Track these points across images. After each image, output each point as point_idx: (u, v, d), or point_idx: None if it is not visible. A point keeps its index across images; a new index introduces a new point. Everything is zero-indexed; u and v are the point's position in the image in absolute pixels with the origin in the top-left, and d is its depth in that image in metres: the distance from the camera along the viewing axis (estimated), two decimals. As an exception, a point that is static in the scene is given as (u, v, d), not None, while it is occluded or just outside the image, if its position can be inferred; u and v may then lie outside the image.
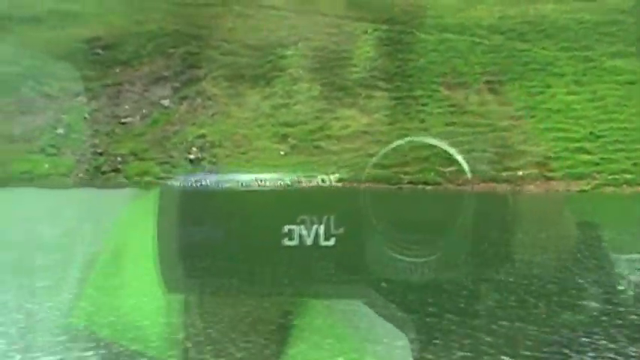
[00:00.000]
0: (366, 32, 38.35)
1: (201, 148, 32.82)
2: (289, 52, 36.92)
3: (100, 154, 34.01)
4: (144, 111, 35.40)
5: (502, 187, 27.44)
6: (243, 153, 32.68)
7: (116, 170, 33.19)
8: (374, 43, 37.60)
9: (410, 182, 29.55)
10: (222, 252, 11.25)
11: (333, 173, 31.52)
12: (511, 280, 10.53)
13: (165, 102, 35.46)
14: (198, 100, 35.07)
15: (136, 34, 38.95)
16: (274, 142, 33.09)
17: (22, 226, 16.68)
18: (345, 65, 36.36)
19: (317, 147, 32.67)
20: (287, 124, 33.76)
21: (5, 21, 43.66)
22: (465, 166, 9.01)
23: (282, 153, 32.53)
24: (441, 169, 28.38)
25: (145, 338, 7.76)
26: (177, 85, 35.96)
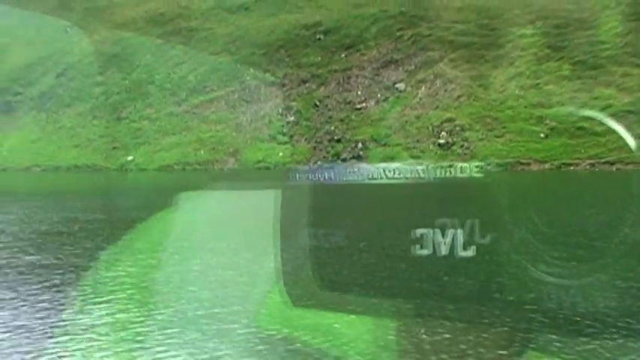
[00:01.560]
0: (608, 7, 35.32)
1: (450, 132, 30.84)
2: (528, 32, 34.45)
3: (338, 140, 32.73)
4: (378, 95, 33.88)
5: None
6: (498, 136, 30.43)
7: (357, 157, 31.78)
8: (620, 19, 34.58)
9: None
10: (342, 261, 10.16)
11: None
12: None
13: (401, 86, 33.80)
14: (437, 82, 33.16)
15: (357, 18, 37.66)
16: (530, 124, 30.65)
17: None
18: (594, 42, 33.53)
19: (579, 128, 29.98)
20: (541, 105, 31.26)
21: (215, 11, 43.74)
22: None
23: (541, 135, 30.04)
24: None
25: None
26: (411, 68, 34.24)
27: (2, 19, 62.69)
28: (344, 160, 31.76)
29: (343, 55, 35.58)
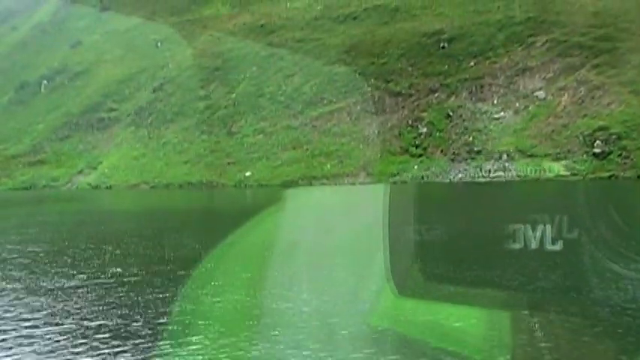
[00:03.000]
0: None
1: (605, 142, 29.23)
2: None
3: (478, 152, 31.39)
4: (516, 104, 32.48)
5: None
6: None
7: (503, 169, 30.39)
8: None
9: None
10: (447, 254, 11.26)
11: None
12: None
13: (540, 94, 32.36)
14: (582, 89, 31.64)
15: (481, 25, 36.38)
16: None
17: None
18: None
19: None
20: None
21: (321, 21, 42.97)
22: None
23: None
24: None
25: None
26: (549, 75, 32.78)
27: (88, 36, 63.08)
28: (488, 171, 30.38)
29: (472, 64, 34.29)
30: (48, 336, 7.68)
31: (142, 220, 22.70)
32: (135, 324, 8.02)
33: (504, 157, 30.45)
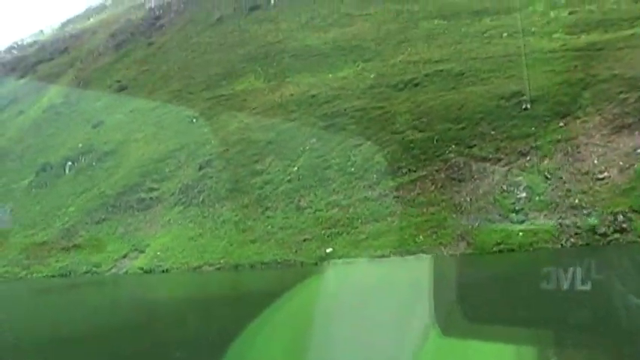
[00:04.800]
0: None
1: None
2: None
3: (588, 214, 29.88)
4: (620, 163, 31.24)
5: None
6: None
7: (621, 230, 28.83)
8: None
9: None
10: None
11: None
12: None
13: (643, 152, 31.26)
14: (690, 146, 30.63)
15: (562, 85, 35.63)
16: None
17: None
18: None
19: None
20: None
21: (377, 90, 42.19)
22: None
23: None
24: None
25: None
26: (650, 132, 31.82)
27: (109, 115, 61.83)
28: (603, 234, 28.79)
29: (562, 124, 33.24)
30: None
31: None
32: None
33: (620, 217, 28.98)
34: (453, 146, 35.31)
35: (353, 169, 37.79)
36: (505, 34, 45.79)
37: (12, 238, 52.24)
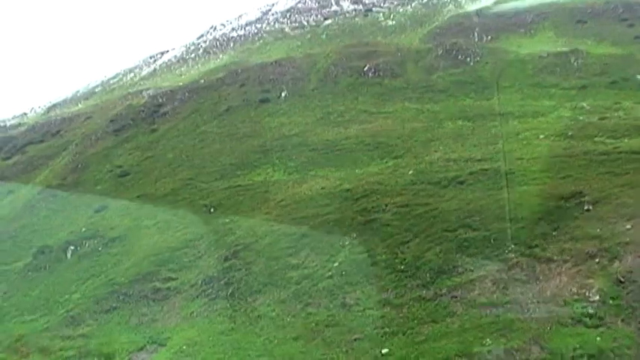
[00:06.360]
0: None
1: None
2: None
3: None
4: None
5: None
6: None
7: None
8: None
9: None
10: None
11: None
12: None
13: None
14: None
15: (624, 187, 35.57)
16: None
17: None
18: None
19: None
20: None
21: (417, 187, 41.65)
22: None
23: None
24: None
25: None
26: None
27: (112, 200, 59.97)
28: (690, 344, 27.84)
29: (629, 226, 32.88)
30: None
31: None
32: None
33: None
34: (513, 246, 34.43)
35: (402, 267, 36.49)
36: (542, 136, 46.18)
37: (7, 322, 48.87)
